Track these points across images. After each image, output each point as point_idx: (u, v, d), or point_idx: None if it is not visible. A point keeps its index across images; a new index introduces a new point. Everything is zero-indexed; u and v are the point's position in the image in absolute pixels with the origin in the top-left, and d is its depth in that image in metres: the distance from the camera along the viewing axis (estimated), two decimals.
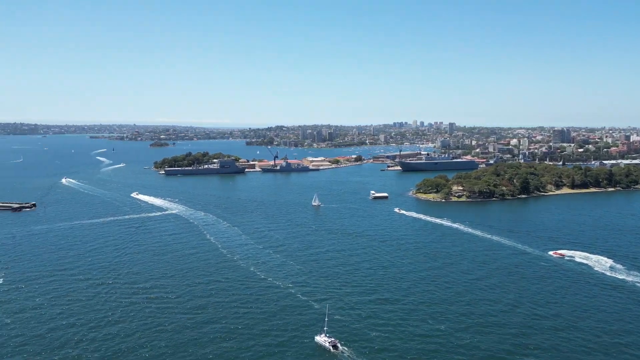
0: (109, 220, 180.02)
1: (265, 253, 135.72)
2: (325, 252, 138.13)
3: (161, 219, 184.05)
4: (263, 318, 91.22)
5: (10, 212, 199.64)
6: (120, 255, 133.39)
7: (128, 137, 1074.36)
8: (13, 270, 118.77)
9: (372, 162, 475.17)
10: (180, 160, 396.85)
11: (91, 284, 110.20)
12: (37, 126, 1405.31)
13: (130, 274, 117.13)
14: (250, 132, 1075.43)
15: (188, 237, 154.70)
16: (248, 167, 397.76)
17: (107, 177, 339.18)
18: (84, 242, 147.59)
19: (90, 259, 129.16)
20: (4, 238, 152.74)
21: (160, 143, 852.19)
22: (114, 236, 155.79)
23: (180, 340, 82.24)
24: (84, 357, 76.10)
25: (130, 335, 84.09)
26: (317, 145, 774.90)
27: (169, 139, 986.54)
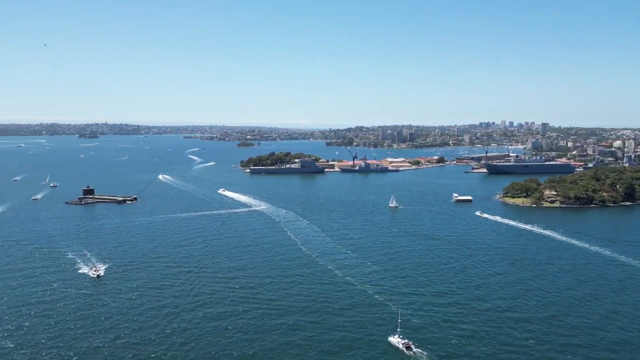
0: (199, 215, 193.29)
1: (342, 251, 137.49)
2: (402, 253, 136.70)
3: (245, 215, 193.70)
4: (337, 314, 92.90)
5: (116, 204, 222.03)
6: (208, 247, 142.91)
7: (217, 138, 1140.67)
8: (117, 256, 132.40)
9: (456, 163, 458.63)
10: (264, 160, 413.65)
11: (181, 271, 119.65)
12: (139, 127, 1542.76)
13: (216, 265, 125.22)
14: (331, 133, 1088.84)
15: (270, 233, 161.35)
16: (328, 167, 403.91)
17: (198, 174, 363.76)
18: (176, 234, 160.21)
19: (181, 249, 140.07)
20: (110, 227, 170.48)
21: (247, 143, 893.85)
22: (202, 229, 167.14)
23: (259, 328, 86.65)
24: (173, 337, 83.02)
25: (213, 319, 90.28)
26: (397, 146, 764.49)
27: (254, 139, 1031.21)
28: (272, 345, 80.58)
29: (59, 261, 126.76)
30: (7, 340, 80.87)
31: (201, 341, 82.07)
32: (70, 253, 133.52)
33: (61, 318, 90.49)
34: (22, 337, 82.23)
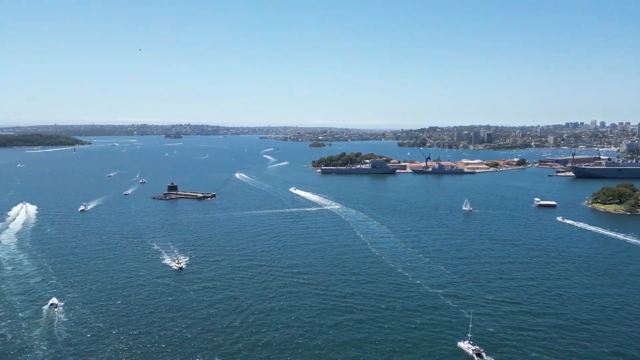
0: (272, 212, 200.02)
1: (412, 253, 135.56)
2: (476, 258, 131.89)
3: (316, 214, 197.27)
4: (405, 315, 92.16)
5: (196, 200, 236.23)
6: (279, 243, 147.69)
7: (291, 138, 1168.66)
8: (197, 248, 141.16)
9: (538, 166, 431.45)
10: (335, 160, 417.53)
11: (254, 265, 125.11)
12: (219, 128, 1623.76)
13: (287, 260, 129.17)
14: (403, 133, 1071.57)
15: (339, 232, 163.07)
16: (399, 168, 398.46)
17: (271, 173, 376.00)
18: (251, 230, 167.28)
19: (255, 244, 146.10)
20: (191, 222, 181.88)
21: (318, 143, 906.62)
22: (275, 226, 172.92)
23: (326, 322, 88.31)
24: (244, 326, 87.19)
25: (282, 311, 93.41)
26: (473, 147, 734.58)
27: (326, 139, 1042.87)
28: (339, 340, 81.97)
29: (145, 251, 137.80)
30: (99, 322, 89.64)
31: (269, 332, 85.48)
32: (156, 244, 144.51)
33: (146, 303, 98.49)
34: (112, 319, 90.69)
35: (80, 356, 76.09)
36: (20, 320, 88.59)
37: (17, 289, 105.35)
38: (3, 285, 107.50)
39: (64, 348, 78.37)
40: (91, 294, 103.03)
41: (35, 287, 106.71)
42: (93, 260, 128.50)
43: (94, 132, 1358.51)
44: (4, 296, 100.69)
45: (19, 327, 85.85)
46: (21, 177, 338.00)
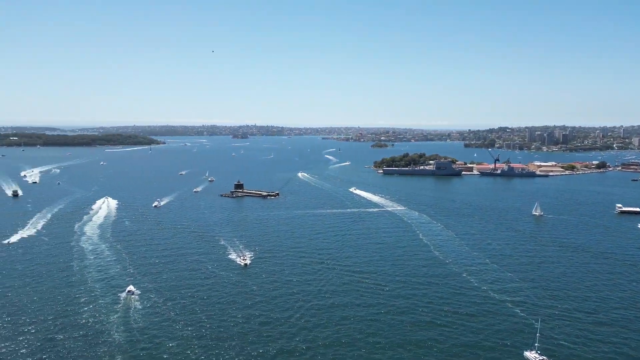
0: (333, 212, 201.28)
1: (478, 258, 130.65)
2: (546, 265, 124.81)
3: (377, 215, 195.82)
4: (468, 320, 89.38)
5: (261, 198, 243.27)
6: (339, 242, 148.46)
7: (353, 139, 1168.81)
8: (261, 245, 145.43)
9: (621, 169, 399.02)
10: (397, 161, 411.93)
11: (314, 262, 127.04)
12: (283, 128, 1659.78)
13: (346, 259, 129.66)
14: (470, 134, 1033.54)
15: (401, 234, 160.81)
16: (465, 169, 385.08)
17: (333, 173, 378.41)
18: (312, 228, 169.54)
19: (316, 243, 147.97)
20: (256, 219, 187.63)
21: (380, 144, 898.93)
22: (335, 225, 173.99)
23: (385, 322, 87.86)
24: (302, 321, 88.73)
25: (340, 307, 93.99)
26: (546, 149, 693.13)
27: (388, 140, 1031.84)
28: (398, 340, 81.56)
29: (213, 246, 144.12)
30: (170, 310, 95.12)
31: (327, 327, 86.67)
32: (223, 240, 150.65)
33: (213, 295, 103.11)
34: (181, 308, 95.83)
35: (152, 342, 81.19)
36: (101, 306, 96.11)
37: (99, 276, 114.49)
38: (86, 272, 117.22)
39: (138, 333, 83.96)
40: (163, 284, 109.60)
41: (114, 275, 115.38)
42: (165, 252, 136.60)
43: (168, 133, 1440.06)
44: (87, 283, 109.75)
45: (100, 312, 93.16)
46: (104, 173, 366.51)
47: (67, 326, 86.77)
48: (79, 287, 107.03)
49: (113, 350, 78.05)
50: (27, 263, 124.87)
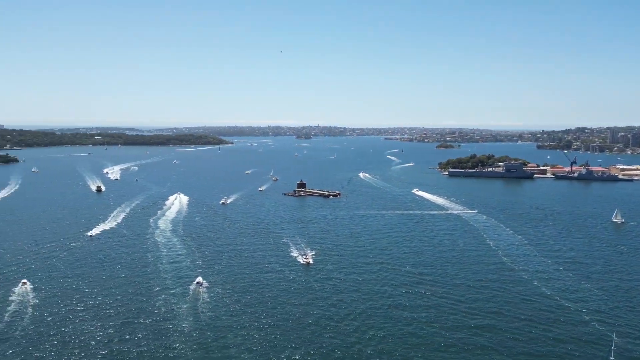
0: (395, 213, 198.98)
1: (552, 267, 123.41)
2: (625, 274, 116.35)
3: (441, 217, 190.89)
4: (537, 328, 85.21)
5: (323, 198, 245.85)
6: (400, 244, 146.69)
7: (417, 139, 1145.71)
8: (323, 244, 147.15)
9: None
10: (464, 162, 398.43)
11: (374, 262, 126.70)
12: (345, 129, 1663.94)
13: (408, 261, 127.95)
14: (543, 135, 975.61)
15: (466, 238, 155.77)
16: (538, 172, 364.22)
17: (395, 174, 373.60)
18: (373, 229, 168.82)
19: (377, 244, 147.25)
20: (318, 219, 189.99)
21: (446, 145, 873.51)
22: (396, 226, 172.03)
23: (446, 325, 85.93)
24: (360, 320, 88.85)
25: (400, 307, 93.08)
26: (631, 151, 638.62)
27: (454, 141, 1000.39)
28: (459, 344, 79.58)
29: (276, 243, 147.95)
30: (235, 303, 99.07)
31: (386, 327, 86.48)
32: (286, 237, 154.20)
33: (275, 291, 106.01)
34: (246, 302, 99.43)
35: (218, 332, 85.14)
36: (172, 296, 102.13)
37: (170, 268, 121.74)
38: (159, 264, 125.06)
39: (206, 323, 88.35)
40: (229, 277, 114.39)
41: (184, 267, 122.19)
42: (231, 247, 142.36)
43: (236, 133, 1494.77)
44: (159, 274, 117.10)
45: (171, 301, 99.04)
46: (176, 171, 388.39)
47: (143, 312, 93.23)
48: (153, 277, 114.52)
49: (183, 337, 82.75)
50: (107, 253, 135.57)
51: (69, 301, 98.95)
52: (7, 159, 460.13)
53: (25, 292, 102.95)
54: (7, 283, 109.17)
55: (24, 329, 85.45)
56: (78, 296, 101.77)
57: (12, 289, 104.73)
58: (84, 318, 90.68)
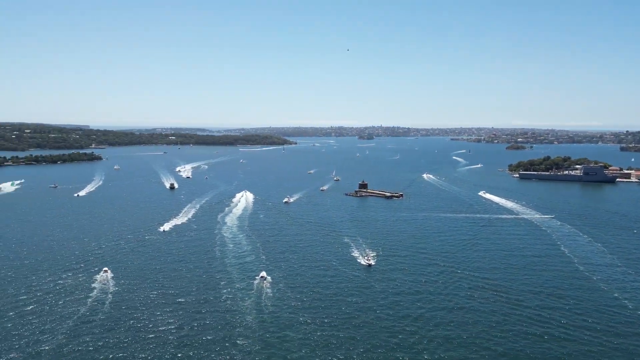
0: (460, 216, 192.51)
1: (635, 276, 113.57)
2: None
3: (510, 222, 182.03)
4: (614, 343, 78.95)
5: (384, 199, 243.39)
6: (465, 248, 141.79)
7: (485, 140, 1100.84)
8: (384, 245, 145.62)
9: None
10: (536, 164, 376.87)
11: (437, 264, 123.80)
12: (409, 129, 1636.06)
13: (472, 266, 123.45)
14: (628, 136, 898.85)
15: (537, 243, 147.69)
16: (621, 176, 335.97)
17: (461, 176, 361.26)
18: (436, 231, 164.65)
19: (440, 247, 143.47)
20: (379, 219, 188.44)
21: (517, 146, 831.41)
22: (461, 230, 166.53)
23: (510, 330, 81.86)
24: (420, 322, 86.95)
25: (462, 310, 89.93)
26: None
27: (526, 142, 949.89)
28: (526, 351, 76.04)
29: (337, 243, 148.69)
30: (296, 300, 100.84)
31: (448, 329, 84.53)
32: (347, 237, 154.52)
33: (336, 290, 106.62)
34: (306, 300, 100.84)
35: (280, 327, 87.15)
36: (237, 290, 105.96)
37: (236, 262, 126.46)
38: (226, 259, 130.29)
39: (268, 318, 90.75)
40: (291, 274, 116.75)
41: (249, 262, 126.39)
42: (294, 245, 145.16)
43: (300, 133, 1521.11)
44: (226, 268, 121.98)
45: (236, 295, 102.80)
46: (243, 170, 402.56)
47: (209, 304, 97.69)
48: (219, 270, 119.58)
49: (246, 331, 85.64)
50: (178, 247, 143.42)
51: (143, 290, 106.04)
52: (92, 157, 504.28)
53: (106, 280, 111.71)
54: (91, 270, 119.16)
55: (104, 313, 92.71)
56: (152, 285, 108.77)
57: (95, 276, 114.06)
58: (156, 306, 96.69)
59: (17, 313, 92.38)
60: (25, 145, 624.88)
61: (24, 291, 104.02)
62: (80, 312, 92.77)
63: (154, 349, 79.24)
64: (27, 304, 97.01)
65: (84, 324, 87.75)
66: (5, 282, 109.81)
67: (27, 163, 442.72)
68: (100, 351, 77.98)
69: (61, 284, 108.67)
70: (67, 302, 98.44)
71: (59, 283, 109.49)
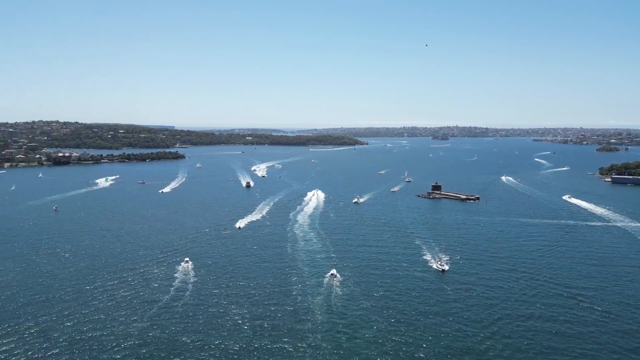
0: (541, 222, 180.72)
1: None
2: None
3: (600, 229, 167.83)
4: None
5: (459, 202, 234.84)
6: (546, 255, 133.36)
7: (572, 141, 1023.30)
8: (458, 250, 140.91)
9: None
10: (631, 168, 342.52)
11: (515, 271, 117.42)
12: (487, 130, 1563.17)
13: (552, 272, 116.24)
14: None
15: (632, 254, 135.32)
16: None
17: (545, 179, 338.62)
18: (514, 237, 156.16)
19: (517, 253, 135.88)
20: (453, 223, 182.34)
21: (609, 148, 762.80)
22: (543, 236, 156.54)
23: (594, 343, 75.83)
24: (492, 329, 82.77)
25: (540, 319, 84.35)
26: None
27: (619, 143, 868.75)
28: None
29: (408, 245, 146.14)
30: (366, 301, 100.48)
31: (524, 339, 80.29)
32: (418, 240, 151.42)
33: (406, 294, 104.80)
34: (376, 302, 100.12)
35: (349, 327, 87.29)
36: (307, 287, 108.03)
37: (306, 259, 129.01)
38: (297, 255, 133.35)
39: (337, 319, 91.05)
40: (361, 273, 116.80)
41: (319, 260, 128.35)
42: (364, 245, 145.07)
43: (371, 134, 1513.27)
44: (297, 265, 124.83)
45: (306, 292, 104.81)
46: (315, 170, 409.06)
47: (281, 299, 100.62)
48: (291, 266, 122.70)
49: (316, 328, 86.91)
50: (253, 242, 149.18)
51: (220, 280, 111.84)
52: (177, 155, 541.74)
53: (187, 270, 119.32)
54: (174, 259, 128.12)
55: (185, 302, 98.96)
56: (228, 277, 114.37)
57: (178, 266, 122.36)
58: (231, 297, 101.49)
59: (108, 297, 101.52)
60: (119, 144, 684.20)
61: (117, 277, 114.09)
62: (163, 299, 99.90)
63: (228, 336, 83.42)
64: (118, 289, 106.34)
65: (166, 311, 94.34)
66: (99, 270, 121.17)
67: (120, 160, 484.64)
68: (180, 336, 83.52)
69: (148, 272, 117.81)
70: (153, 288, 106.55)
71: (146, 271, 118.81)
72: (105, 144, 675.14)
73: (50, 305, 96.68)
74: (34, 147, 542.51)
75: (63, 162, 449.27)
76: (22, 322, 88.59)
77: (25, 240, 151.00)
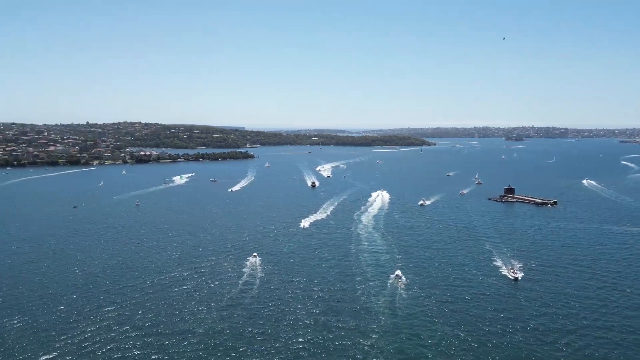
0: (629, 230, 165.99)
1: None
2: None
3: None
4: None
5: (534, 206, 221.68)
6: (632, 264, 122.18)
7: None
8: (532, 257, 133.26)
9: None
10: None
11: (595, 279, 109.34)
12: (567, 130, 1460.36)
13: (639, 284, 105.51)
14: None
15: None
16: None
17: (633, 183, 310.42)
18: (596, 245, 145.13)
19: (598, 263, 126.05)
20: (527, 228, 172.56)
21: None
22: (629, 245, 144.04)
23: None
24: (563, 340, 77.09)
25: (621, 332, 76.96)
26: None
27: None
28: None
29: (477, 250, 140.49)
30: (431, 305, 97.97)
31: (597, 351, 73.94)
32: (488, 244, 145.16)
33: (474, 301, 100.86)
34: (442, 307, 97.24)
35: (413, 331, 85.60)
36: (371, 287, 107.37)
37: (371, 260, 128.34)
38: (361, 255, 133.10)
39: (401, 321, 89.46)
40: (427, 276, 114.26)
41: (383, 261, 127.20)
42: (429, 248, 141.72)
43: (439, 134, 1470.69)
44: (361, 265, 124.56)
45: (370, 292, 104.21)
46: (380, 170, 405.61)
47: (345, 297, 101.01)
48: (355, 266, 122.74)
49: (380, 329, 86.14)
50: (317, 240, 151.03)
51: (286, 276, 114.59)
52: (246, 155, 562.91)
53: (255, 264, 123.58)
54: (243, 253, 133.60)
55: (252, 297, 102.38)
56: (293, 273, 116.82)
57: (246, 260, 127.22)
58: (296, 292, 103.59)
59: (182, 289, 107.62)
60: (194, 144, 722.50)
61: (190, 269, 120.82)
62: (232, 292, 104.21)
63: (292, 330, 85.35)
64: (190, 280, 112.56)
65: (235, 304, 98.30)
66: (174, 262, 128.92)
67: (195, 159, 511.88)
68: (247, 327, 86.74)
69: (218, 265, 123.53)
70: (223, 280, 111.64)
71: (216, 264, 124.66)
72: (182, 143, 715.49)
73: (129, 292, 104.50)
74: (119, 146, 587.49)
75: (144, 160, 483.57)
76: (103, 307, 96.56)
77: (112, 234, 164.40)
